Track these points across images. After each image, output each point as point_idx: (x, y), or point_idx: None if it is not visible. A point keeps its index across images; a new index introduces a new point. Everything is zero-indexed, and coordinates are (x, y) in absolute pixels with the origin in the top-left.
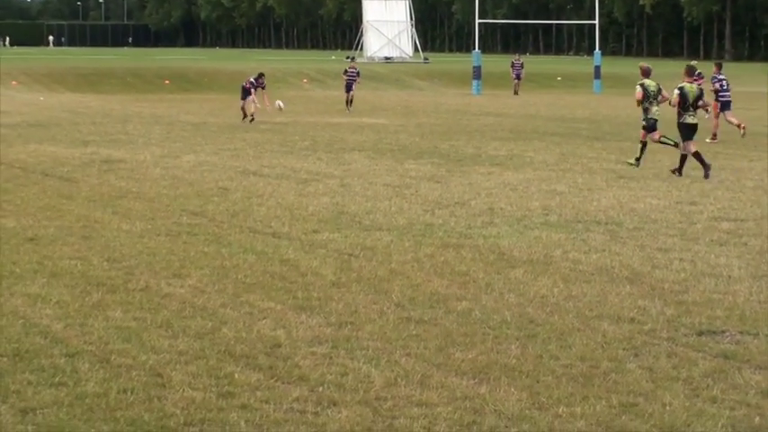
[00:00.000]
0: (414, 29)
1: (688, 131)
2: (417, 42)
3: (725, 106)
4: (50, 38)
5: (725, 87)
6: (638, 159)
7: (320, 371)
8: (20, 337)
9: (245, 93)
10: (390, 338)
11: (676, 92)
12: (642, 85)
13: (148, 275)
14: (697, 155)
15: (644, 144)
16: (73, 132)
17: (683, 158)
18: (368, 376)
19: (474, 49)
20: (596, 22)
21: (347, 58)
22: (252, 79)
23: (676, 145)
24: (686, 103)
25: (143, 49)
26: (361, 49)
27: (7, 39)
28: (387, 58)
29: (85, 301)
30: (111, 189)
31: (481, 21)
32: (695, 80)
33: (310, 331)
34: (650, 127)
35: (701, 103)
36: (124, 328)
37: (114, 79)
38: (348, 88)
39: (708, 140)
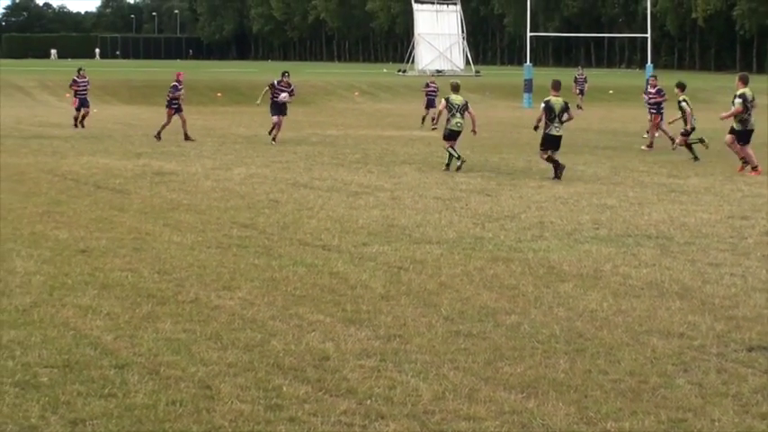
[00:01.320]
0: (465, 42)
1: (552, 142)
2: (469, 55)
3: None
4: (97, 50)
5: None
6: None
7: (368, 384)
8: (70, 348)
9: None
10: (439, 352)
11: (542, 105)
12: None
13: (198, 287)
14: (550, 158)
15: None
16: (125, 144)
17: (555, 164)
18: (416, 390)
19: (525, 62)
20: (648, 35)
21: (399, 71)
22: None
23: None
24: (552, 115)
25: (196, 62)
26: (413, 62)
27: (54, 52)
28: (438, 71)
29: (136, 312)
30: (163, 201)
31: (533, 34)
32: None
33: (359, 344)
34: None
35: (565, 117)
36: (174, 339)
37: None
38: (430, 104)
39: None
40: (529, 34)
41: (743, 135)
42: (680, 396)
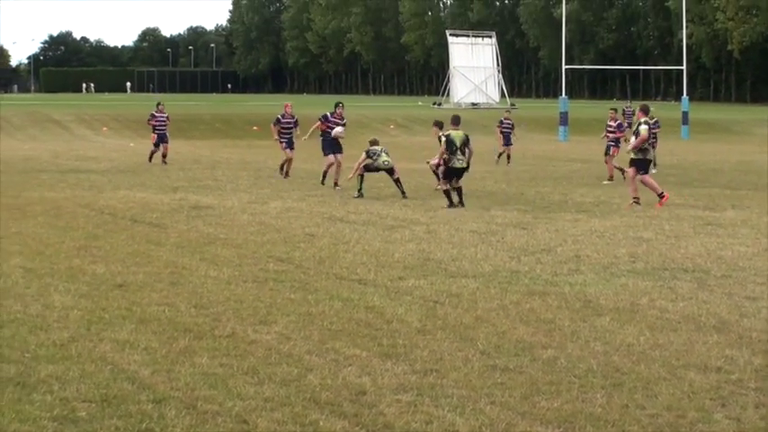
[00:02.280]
0: (500, 75)
1: (455, 174)
2: (504, 88)
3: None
4: (128, 84)
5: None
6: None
7: (405, 419)
8: (108, 382)
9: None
10: (475, 386)
11: (443, 138)
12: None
13: (235, 322)
14: (447, 192)
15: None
16: (162, 178)
17: (450, 192)
18: (453, 424)
19: (561, 94)
20: (684, 67)
21: (434, 104)
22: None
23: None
24: (453, 148)
25: (232, 95)
26: (448, 94)
27: (92, 85)
28: (473, 104)
29: (173, 347)
30: (200, 235)
31: (568, 66)
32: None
33: (395, 379)
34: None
35: (467, 151)
36: (211, 374)
37: (203, 125)
38: (507, 141)
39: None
40: (564, 67)
41: (642, 164)
42: (718, 431)
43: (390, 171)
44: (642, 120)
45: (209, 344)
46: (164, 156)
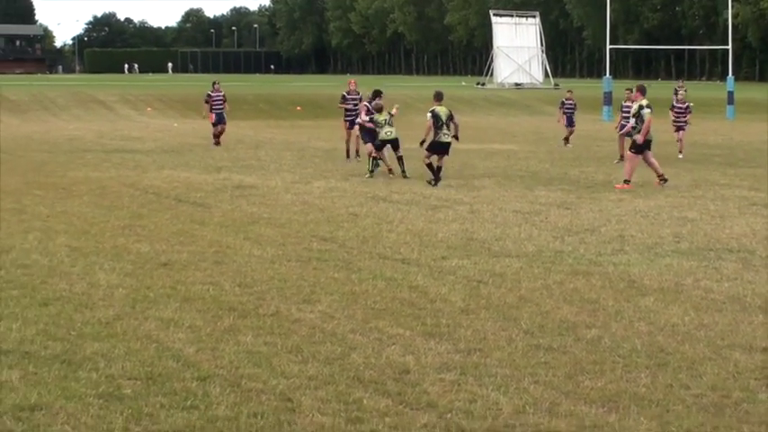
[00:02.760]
0: (544, 55)
1: (440, 148)
2: (548, 68)
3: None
4: (170, 65)
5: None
6: None
7: (448, 397)
8: (153, 360)
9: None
10: (519, 366)
11: (429, 114)
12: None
13: (279, 301)
14: (430, 165)
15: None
16: (206, 158)
17: (435, 169)
18: (496, 403)
19: (605, 74)
20: (729, 47)
21: (478, 84)
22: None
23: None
24: (439, 123)
25: (275, 76)
26: (492, 75)
27: (136, 66)
28: (517, 85)
29: (217, 325)
30: (243, 215)
31: (612, 46)
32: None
33: (439, 358)
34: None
35: (452, 125)
36: (255, 352)
37: (246, 106)
38: (569, 122)
39: None
40: (608, 47)
41: (643, 145)
42: (763, 411)
43: (395, 146)
44: (643, 102)
45: (254, 322)
46: (219, 135)
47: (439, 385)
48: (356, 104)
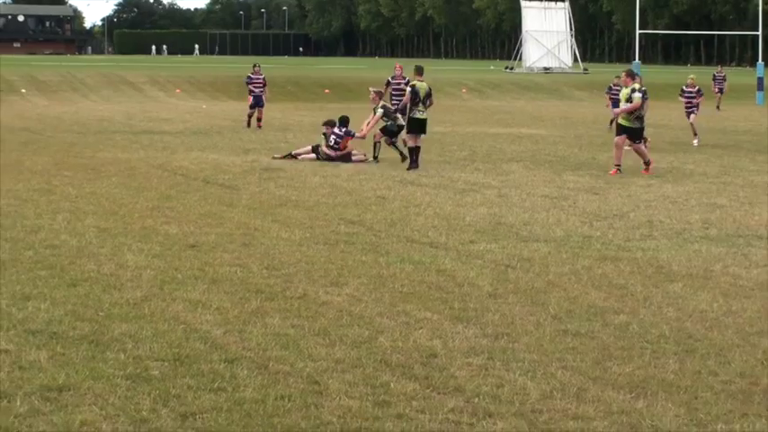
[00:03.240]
0: (573, 39)
1: (417, 125)
2: (577, 53)
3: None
4: (196, 46)
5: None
6: None
7: (476, 382)
8: (180, 342)
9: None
10: (547, 351)
11: (408, 89)
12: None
13: (306, 283)
14: (413, 150)
15: None
16: (234, 140)
17: (412, 151)
18: (524, 388)
19: (634, 59)
20: (759, 32)
21: (506, 68)
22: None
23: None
24: (417, 99)
25: (304, 58)
26: (520, 59)
27: (164, 47)
28: (546, 69)
29: (245, 307)
30: (271, 197)
31: (642, 31)
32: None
33: (466, 342)
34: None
35: (428, 102)
36: (282, 335)
37: (275, 88)
38: (616, 107)
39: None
40: (638, 32)
41: (638, 132)
42: None
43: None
44: (635, 86)
45: (281, 305)
46: (258, 119)
47: (466, 369)
48: (401, 90)
